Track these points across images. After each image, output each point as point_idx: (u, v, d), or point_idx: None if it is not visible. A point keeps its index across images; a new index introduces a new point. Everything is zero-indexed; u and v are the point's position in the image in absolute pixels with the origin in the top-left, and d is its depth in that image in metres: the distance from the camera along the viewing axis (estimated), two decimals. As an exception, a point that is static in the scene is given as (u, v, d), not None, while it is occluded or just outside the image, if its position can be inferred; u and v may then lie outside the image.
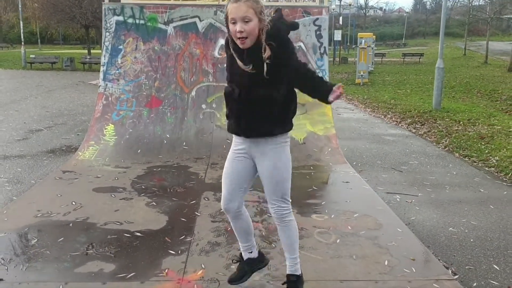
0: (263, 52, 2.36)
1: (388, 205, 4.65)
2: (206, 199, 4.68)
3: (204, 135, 6.55)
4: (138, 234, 3.79)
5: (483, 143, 7.72)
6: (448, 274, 3.22)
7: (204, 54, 6.84)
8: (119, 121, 6.56)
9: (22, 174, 5.81)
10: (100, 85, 6.75)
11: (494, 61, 31.61)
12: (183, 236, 3.75)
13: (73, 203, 4.49)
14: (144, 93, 6.72)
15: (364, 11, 75.38)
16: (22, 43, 28.26)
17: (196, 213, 4.29)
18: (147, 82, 6.75)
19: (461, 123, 9.63)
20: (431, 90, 12.79)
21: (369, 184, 5.35)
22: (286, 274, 2.78)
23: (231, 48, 2.46)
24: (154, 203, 4.55)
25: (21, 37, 28.95)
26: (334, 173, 5.74)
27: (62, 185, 5.13)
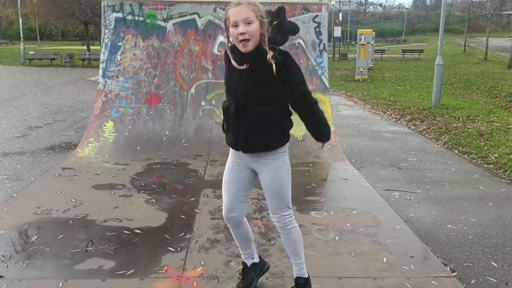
0: (267, 53, 2.33)
1: (387, 202, 4.66)
2: (206, 196, 4.69)
3: (204, 132, 6.56)
4: (138, 231, 3.80)
5: (482, 140, 7.73)
6: (447, 271, 3.23)
7: (204, 51, 6.84)
8: (119, 118, 6.57)
9: (22, 171, 5.82)
10: (100, 82, 6.75)
11: (494, 58, 31.61)
12: (183, 233, 3.76)
13: (73, 200, 4.50)
14: (144, 90, 6.72)
15: (364, 7, 75.16)
16: (21, 40, 28.24)
17: (196, 210, 4.30)
18: (147, 79, 6.74)
19: (461, 120, 9.64)
20: (431, 87, 12.80)
21: (368, 181, 5.36)
22: (294, 278, 2.77)
23: (231, 57, 2.44)
24: (154, 200, 4.56)
25: (20, 33, 28.92)
26: (333, 170, 5.75)
27: (62, 182, 5.13)
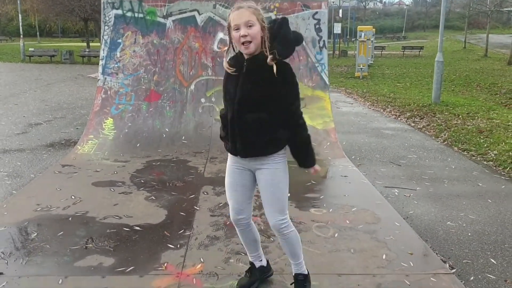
0: (268, 58, 2.36)
1: (387, 199, 4.67)
2: (205, 193, 4.69)
3: (203, 129, 6.56)
4: (137, 228, 3.80)
5: (482, 137, 7.73)
6: (446, 268, 3.23)
7: (203, 48, 6.83)
8: (118, 115, 6.56)
9: (22, 168, 5.82)
10: (99, 79, 6.74)
11: (494, 54, 31.57)
12: (182, 230, 3.77)
13: (73, 197, 4.50)
14: (143, 87, 6.72)
15: (364, 4, 75.07)
16: (21, 36, 28.17)
17: (195, 207, 4.30)
18: (146, 76, 6.74)
19: (460, 117, 9.63)
20: (431, 84, 12.79)
21: (368, 178, 5.37)
22: (293, 275, 2.78)
23: (229, 65, 2.48)
24: (153, 197, 4.56)
25: (20, 30, 28.85)
26: (333, 167, 5.75)
27: (62, 179, 5.14)
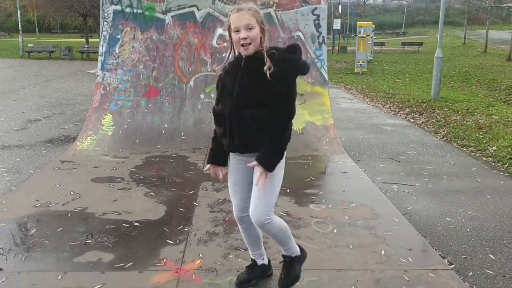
0: (266, 61, 2.37)
1: (386, 195, 4.67)
2: (205, 189, 4.69)
3: (203, 125, 6.55)
4: (137, 224, 3.81)
5: (481, 133, 7.73)
6: (444, 264, 3.24)
7: (202, 44, 6.81)
8: (117, 111, 6.56)
9: (21, 164, 5.82)
10: (98, 75, 6.73)
11: (494, 50, 31.55)
12: (181, 226, 3.77)
13: (72, 193, 4.51)
14: (142, 83, 6.71)
15: (364, 0, 74.87)
16: (20, 32, 28.11)
17: (194, 203, 4.30)
18: (145, 72, 6.73)
19: (460, 113, 9.64)
20: (430, 80, 12.77)
21: (367, 174, 5.37)
22: (282, 255, 2.84)
23: (228, 64, 2.54)
24: (153, 193, 4.56)
25: (19, 26, 28.76)
26: (332, 163, 5.75)
27: (61, 175, 5.14)
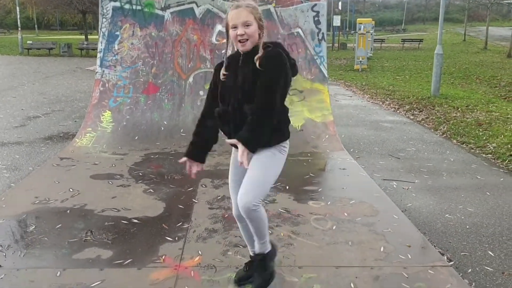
0: (259, 52, 2.40)
1: (385, 192, 4.67)
2: (204, 186, 4.69)
3: (202, 122, 6.53)
4: (136, 221, 3.81)
5: (481, 130, 7.73)
6: (444, 261, 3.24)
7: (202, 40, 6.79)
8: (116, 108, 6.54)
9: (20, 161, 5.81)
10: (97, 72, 6.71)
11: (494, 47, 31.50)
12: (180, 223, 3.77)
13: (71, 190, 4.50)
14: (141, 80, 6.69)
15: (364, -4, 74.67)
16: (19, 29, 28.04)
17: (194, 200, 4.30)
18: (144, 69, 6.71)
19: (459, 110, 9.63)
20: (430, 76, 12.75)
21: (366, 171, 5.36)
22: (253, 255, 2.76)
23: (227, 60, 2.54)
24: (152, 190, 4.56)
25: (18, 23, 28.71)
26: (331, 160, 5.75)
27: (60, 172, 5.13)
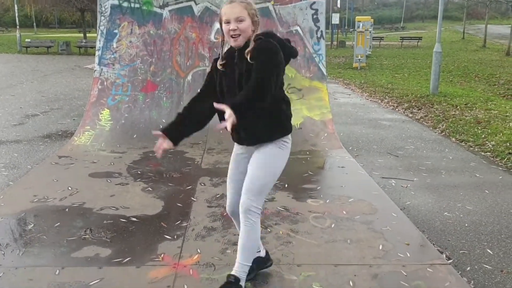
0: (250, 44, 2.41)
1: (384, 190, 4.67)
2: (203, 185, 4.68)
3: (201, 120, 6.52)
4: (134, 219, 3.80)
5: (480, 128, 7.73)
6: (442, 259, 3.24)
7: (200, 38, 6.78)
8: (115, 106, 6.53)
9: (19, 159, 5.80)
10: (96, 70, 6.70)
11: (493, 45, 31.52)
12: (179, 221, 3.77)
13: (69, 188, 4.49)
14: (140, 78, 6.68)
15: (363, -6, 74.55)
16: (17, 27, 27.98)
17: (192, 199, 4.30)
18: (143, 67, 6.69)
19: (458, 108, 9.63)
20: (429, 74, 12.75)
21: (365, 169, 5.36)
22: (228, 274, 2.59)
23: (223, 56, 2.54)
24: (150, 189, 4.55)
25: (16, 21, 28.64)
26: (330, 158, 5.75)
27: (58, 170, 5.13)
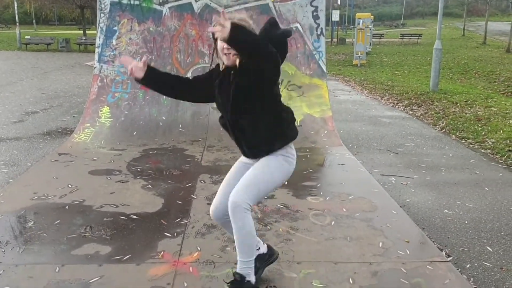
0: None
1: (383, 187, 4.67)
2: (202, 182, 4.68)
3: (201, 117, 6.53)
4: (134, 217, 3.80)
5: (480, 125, 7.72)
6: (442, 256, 3.24)
7: (200, 35, 6.77)
8: (115, 103, 6.53)
9: (18, 157, 5.80)
10: (95, 67, 6.69)
11: (493, 42, 31.46)
12: (179, 219, 3.77)
13: (69, 186, 4.49)
14: (140, 75, 6.65)
15: (363, -9, 74.47)
16: (17, 24, 27.95)
17: (192, 196, 4.30)
18: (143, 64, 6.67)
19: (458, 105, 9.62)
20: (429, 71, 12.74)
21: (365, 166, 5.36)
22: (233, 272, 2.59)
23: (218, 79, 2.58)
24: (150, 186, 4.55)
25: (16, 18, 28.61)
26: (330, 156, 5.74)
27: (58, 168, 5.13)
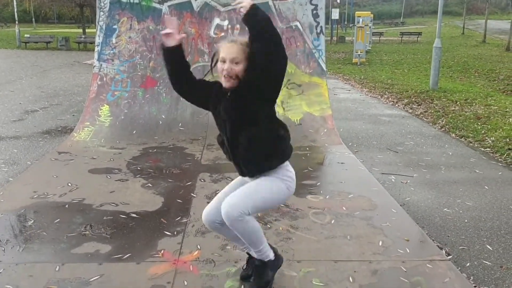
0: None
1: (383, 186, 4.67)
2: (202, 181, 4.68)
3: (200, 116, 6.52)
4: (134, 216, 3.80)
5: (480, 124, 7.73)
6: (442, 255, 3.25)
7: (200, 34, 6.76)
8: (114, 102, 6.52)
9: (18, 155, 5.80)
10: (95, 66, 6.68)
11: (492, 40, 31.45)
12: (179, 217, 3.77)
13: (69, 184, 4.49)
14: (139, 73, 6.66)
15: (363, -11, 74.35)
16: (16, 22, 27.92)
17: (192, 195, 4.30)
18: (142, 62, 6.68)
19: (458, 103, 9.62)
20: (429, 70, 12.73)
21: (365, 165, 5.36)
22: (254, 258, 2.70)
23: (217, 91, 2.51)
24: (150, 185, 4.55)
25: (15, 16, 28.58)
26: (330, 154, 5.74)
27: (58, 166, 5.12)
